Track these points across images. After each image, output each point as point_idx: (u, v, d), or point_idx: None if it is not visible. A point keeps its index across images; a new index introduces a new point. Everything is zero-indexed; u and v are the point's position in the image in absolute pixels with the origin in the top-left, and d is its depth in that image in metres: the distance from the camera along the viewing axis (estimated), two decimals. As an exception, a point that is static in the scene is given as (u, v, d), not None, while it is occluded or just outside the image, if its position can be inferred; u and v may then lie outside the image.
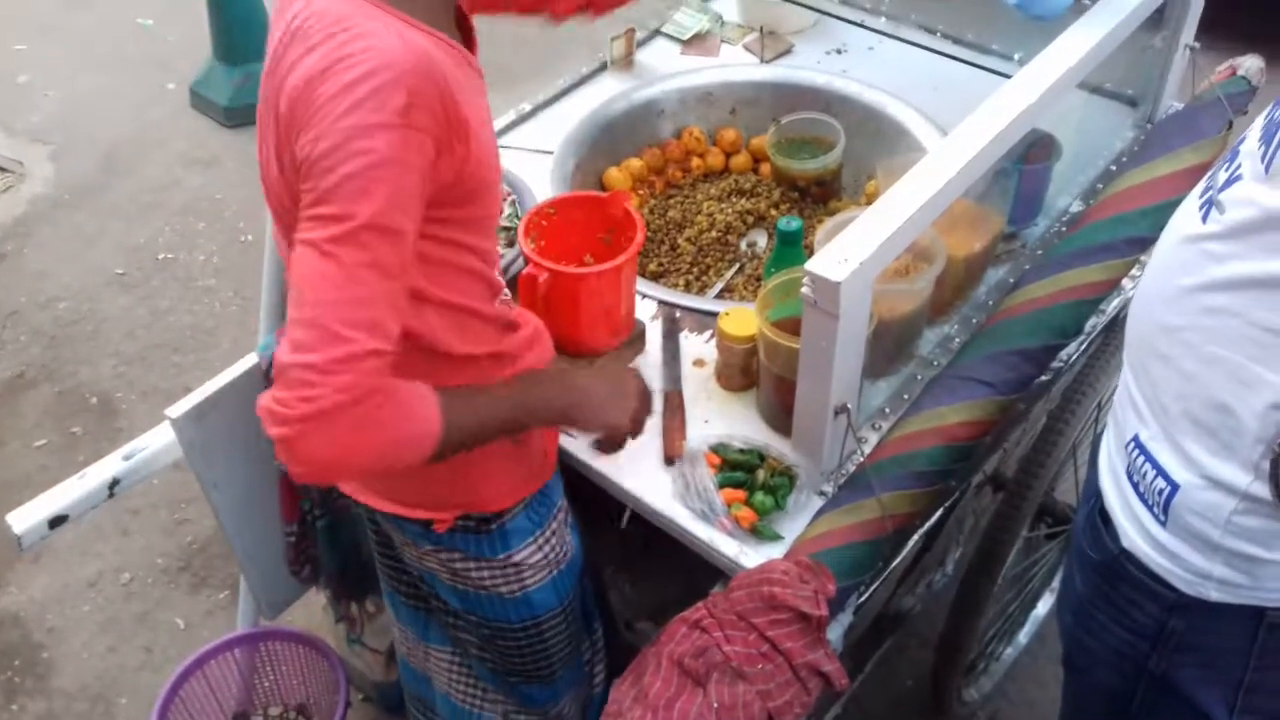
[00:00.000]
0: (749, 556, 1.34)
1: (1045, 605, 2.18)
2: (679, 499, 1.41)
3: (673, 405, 1.52)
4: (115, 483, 1.51)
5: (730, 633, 1.25)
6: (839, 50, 2.16)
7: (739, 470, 1.42)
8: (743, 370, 1.54)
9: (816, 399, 1.36)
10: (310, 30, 1.02)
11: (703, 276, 1.89)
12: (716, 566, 1.38)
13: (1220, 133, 1.67)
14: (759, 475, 1.41)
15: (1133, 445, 1.13)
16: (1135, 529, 1.14)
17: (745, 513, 1.38)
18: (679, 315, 1.68)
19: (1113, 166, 1.84)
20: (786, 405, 1.42)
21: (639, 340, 1.62)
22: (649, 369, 1.60)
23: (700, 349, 1.63)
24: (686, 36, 2.21)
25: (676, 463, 1.45)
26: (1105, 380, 1.60)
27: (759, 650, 1.24)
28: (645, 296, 1.69)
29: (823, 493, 1.41)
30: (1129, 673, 1.21)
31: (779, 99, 2.09)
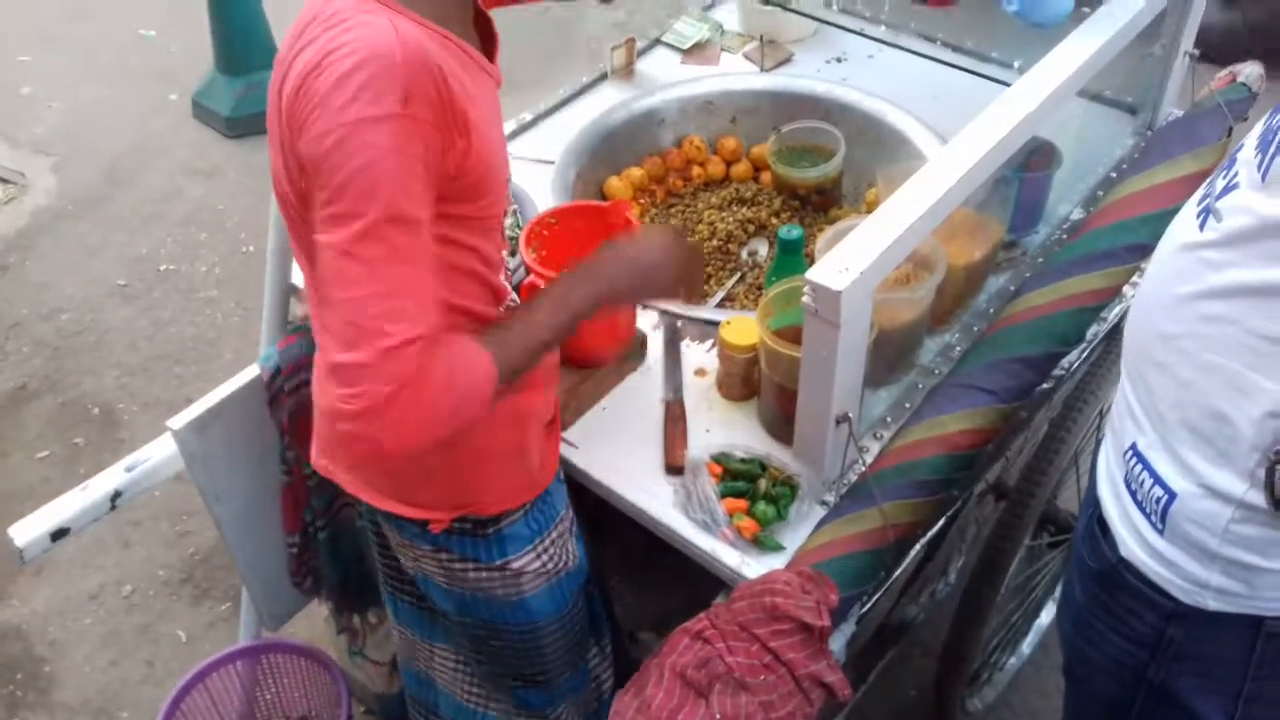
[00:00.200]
0: (751, 567, 1.34)
1: (1049, 614, 2.18)
2: (681, 509, 1.41)
3: (674, 415, 1.51)
4: (117, 495, 1.51)
5: (733, 643, 1.24)
6: (839, 59, 2.17)
7: (740, 480, 1.42)
8: (744, 379, 1.54)
9: (818, 408, 1.35)
10: (310, 28, 1.04)
11: (704, 286, 1.89)
12: (719, 577, 1.38)
13: (1220, 139, 1.67)
14: (760, 485, 1.41)
15: (1130, 453, 1.13)
16: (1133, 538, 1.14)
17: (747, 523, 1.38)
18: (680, 324, 1.68)
19: (1113, 174, 1.84)
20: (788, 414, 1.42)
21: (638, 353, 1.62)
22: (651, 379, 1.60)
23: (702, 358, 1.62)
24: (687, 45, 2.21)
25: (678, 473, 1.45)
26: (1107, 388, 1.59)
27: (761, 661, 1.24)
28: (646, 306, 1.69)
29: (824, 502, 1.41)
30: (1128, 682, 1.20)
31: (779, 107, 2.09)
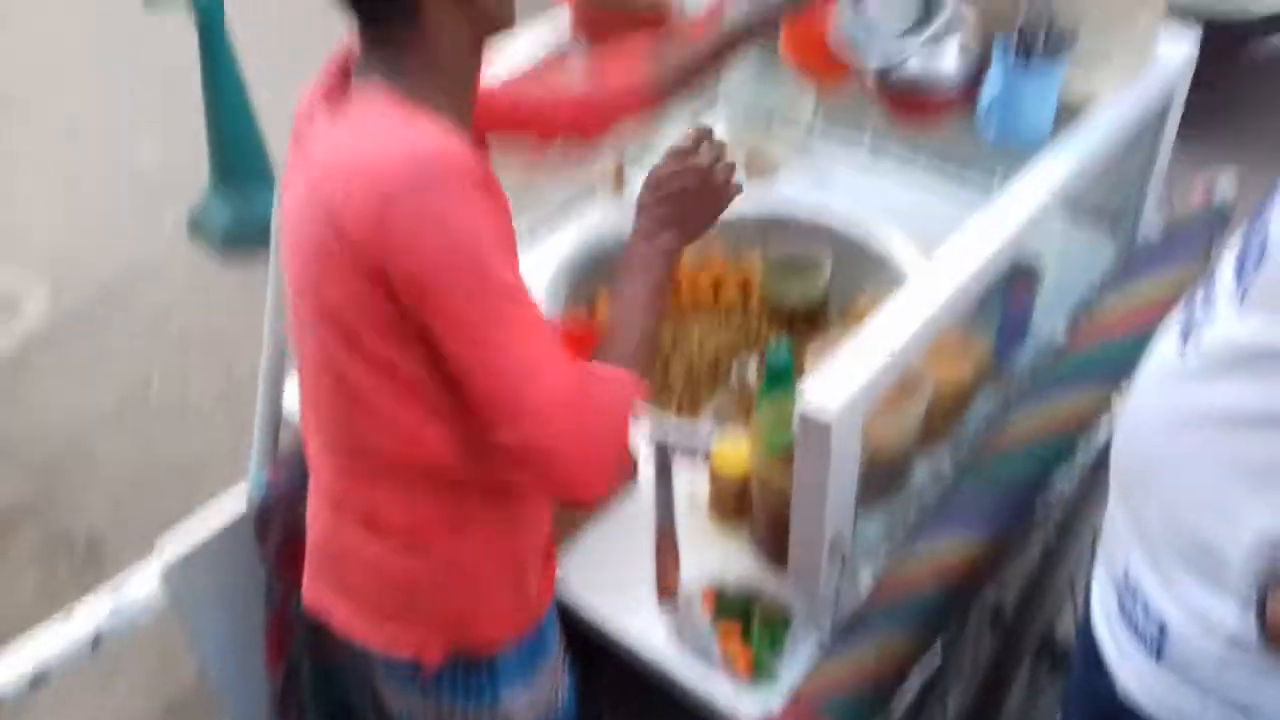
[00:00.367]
0: (746, 701, 1.31)
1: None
2: (674, 638, 1.39)
3: (666, 539, 1.50)
4: (98, 639, 1.48)
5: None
6: (823, 178, 2.20)
7: (735, 608, 1.40)
8: (736, 502, 1.53)
9: (811, 534, 1.34)
10: (349, 144, 1.06)
11: (694, 405, 1.88)
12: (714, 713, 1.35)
13: (1200, 257, 1.69)
14: (755, 615, 1.38)
15: (1123, 579, 1.12)
16: (1127, 667, 1.12)
17: (742, 653, 1.35)
18: (671, 445, 1.67)
19: (1095, 291, 1.86)
20: (781, 540, 1.40)
21: (632, 474, 1.61)
22: (642, 501, 1.58)
23: (693, 481, 1.61)
24: (673, 164, 2.24)
25: (670, 600, 1.42)
26: (1100, 510, 1.58)
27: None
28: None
29: (820, 631, 1.39)
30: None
31: (765, 226, 2.11)
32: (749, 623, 1.38)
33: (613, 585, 1.46)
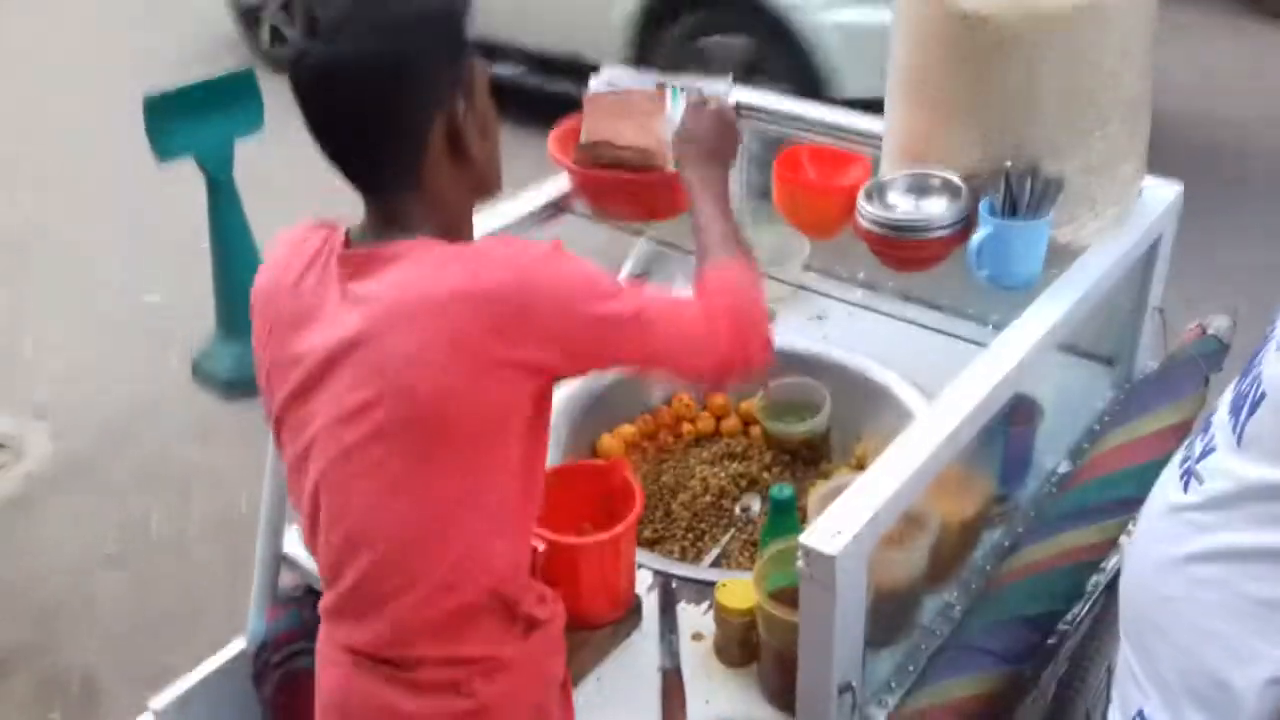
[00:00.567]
0: None
1: None
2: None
3: (671, 684, 1.47)
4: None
5: None
6: (819, 317, 2.24)
7: (743, 754, 1.37)
8: (742, 644, 1.51)
9: (819, 676, 1.32)
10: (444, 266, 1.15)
11: (698, 543, 1.88)
12: None
13: (1198, 391, 1.71)
14: (764, 761, 1.36)
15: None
16: None
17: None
18: (675, 585, 1.66)
19: (1095, 426, 1.87)
20: (788, 682, 1.38)
21: (635, 615, 1.59)
22: (647, 644, 1.56)
23: (698, 621, 1.60)
24: (673, 307, 2.29)
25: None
26: (1112, 642, 1.56)
27: None
28: (641, 566, 1.67)
29: (832, 778, 1.35)
30: None
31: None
32: (758, 768, 1.35)
33: (619, 730, 1.44)
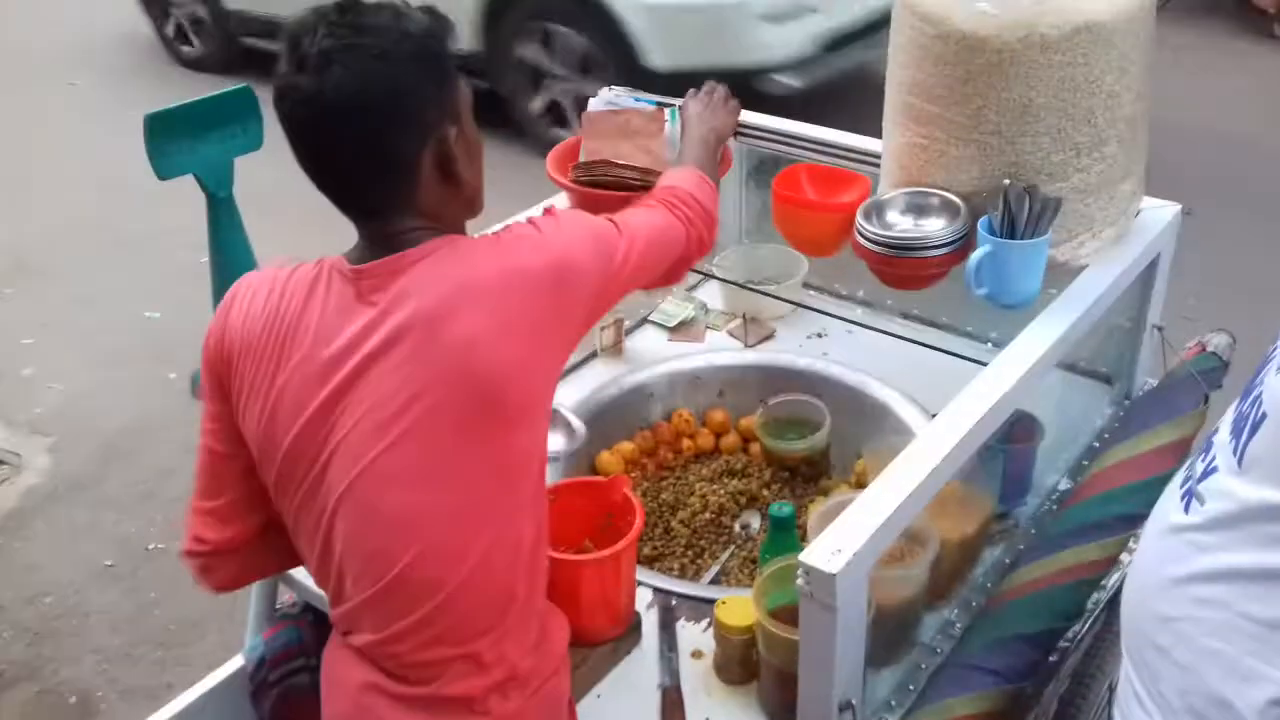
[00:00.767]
0: None
1: None
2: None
3: (671, 703, 1.47)
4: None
5: None
6: (819, 334, 2.24)
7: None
8: (742, 662, 1.50)
9: (819, 693, 1.32)
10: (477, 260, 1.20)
11: (697, 560, 1.87)
12: None
13: (1197, 408, 1.71)
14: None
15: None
16: None
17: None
18: (674, 603, 1.66)
19: (1095, 443, 1.88)
20: (789, 700, 1.38)
21: (635, 633, 1.59)
22: (646, 662, 1.56)
23: (698, 639, 1.59)
24: (673, 324, 2.30)
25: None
26: (1114, 659, 1.56)
27: None
28: (640, 583, 1.67)
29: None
30: None
31: (764, 381, 2.14)
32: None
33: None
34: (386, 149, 1.17)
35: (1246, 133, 4.98)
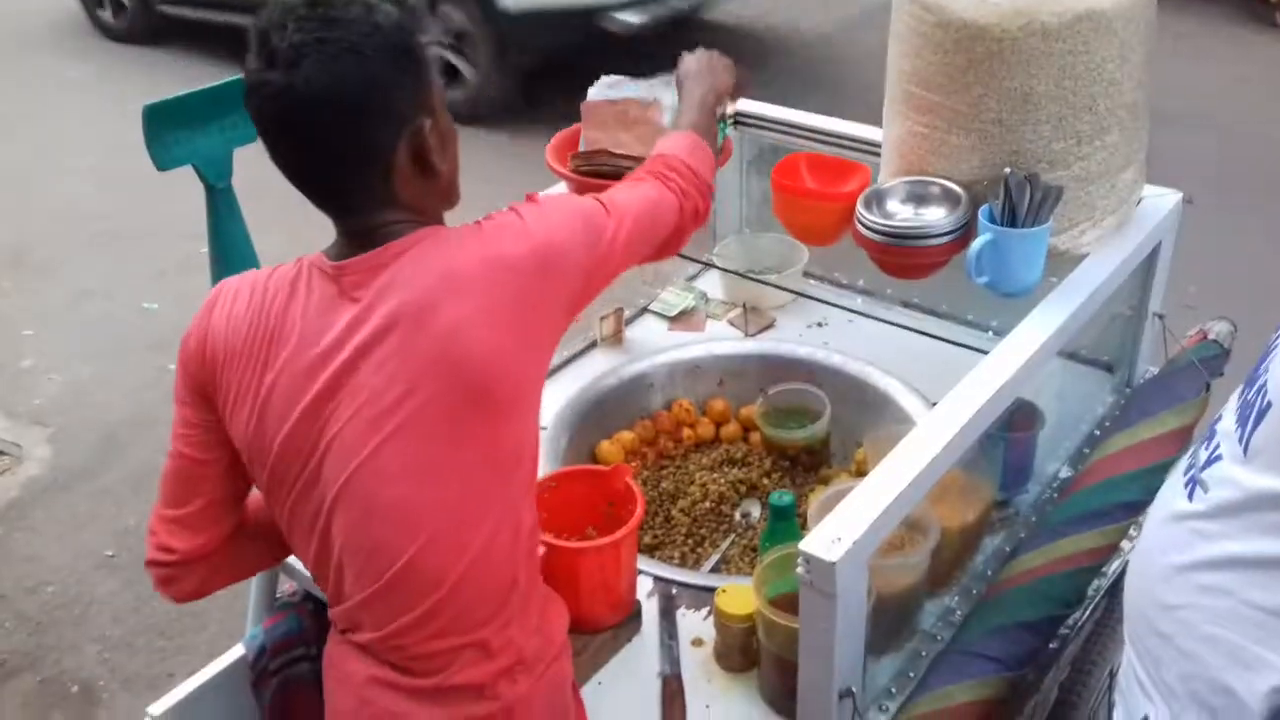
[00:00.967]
0: None
1: None
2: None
3: (672, 691, 1.47)
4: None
5: None
6: (820, 323, 2.24)
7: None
8: (742, 650, 1.51)
9: (819, 681, 1.32)
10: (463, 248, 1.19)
11: (698, 548, 1.88)
12: None
13: (1199, 395, 1.71)
14: (764, 766, 1.35)
15: (1143, 732, 1.09)
16: None
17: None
18: (675, 591, 1.66)
19: (1096, 431, 1.87)
20: (789, 687, 1.38)
21: (635, 621, 1.59)
22: (647, 650, 1.56)
23: (698, 627, 1.59)
24: (673, 313, 2.29)
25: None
26: (1115, 646, 1.56)
27: None
28: (641, 572, 1.67)
29: (832, 784, 1.35)
30: None
31: (765, 370, 2.14)
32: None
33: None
34: (361, 143, 1.16)
35: (1247, 121, 4.98)
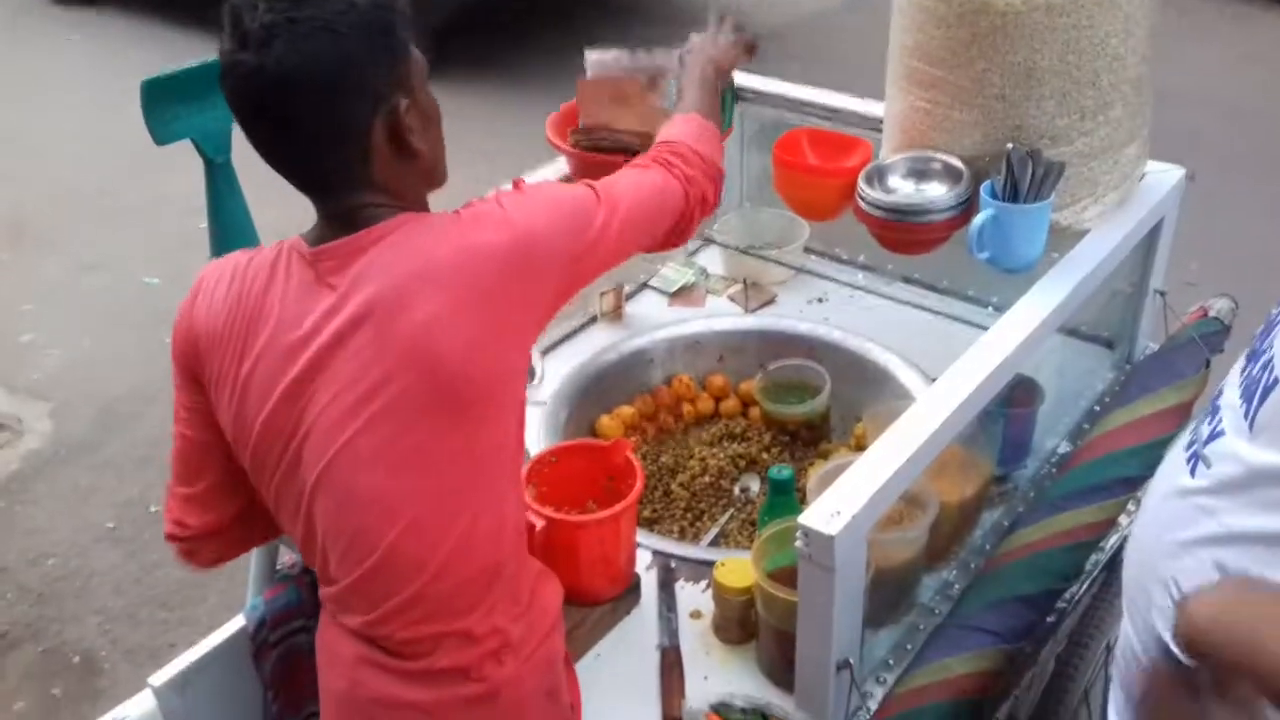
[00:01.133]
0: (755, 827, 1.28)
1: None
2: (680, 763, 1.36)
3: (670, 662, 1.48)
4: (94, 761, 1.45)
5: None
6: (820, 299, 2.24)
7: (742, 730, 1.38)
8: (740, 622, 1.51)
9: (817, 654, 1.33)
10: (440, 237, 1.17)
11: (697, 522, 1.88)
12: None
13: (1199, 372, 1.71)
14: (762, 736, 1.36)
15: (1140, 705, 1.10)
16: None
17: (750, 777, 1.33)
18: (674, 565, 1.66)
19: (1096, 407, 1.88)
20: (787, 659, 1.39)
21: (634, 593, 1.60)
22: (645, 623, 1.57)
23: (697, 600, 1.60)
24: (673, 289, 2.29)
25: (676, 724, 1.40)
26: (1112, 620, 1.57)
27: None
28: (640, 546, 1.67)
29: (829, 753, 1.36)
30: None
31: (765, 346, 2.14)
32: (756, 744, 1.36)
33: (618, 712, 1.44)
34: (335, 122, 1.15)
35: (1251, 98, 4.95)
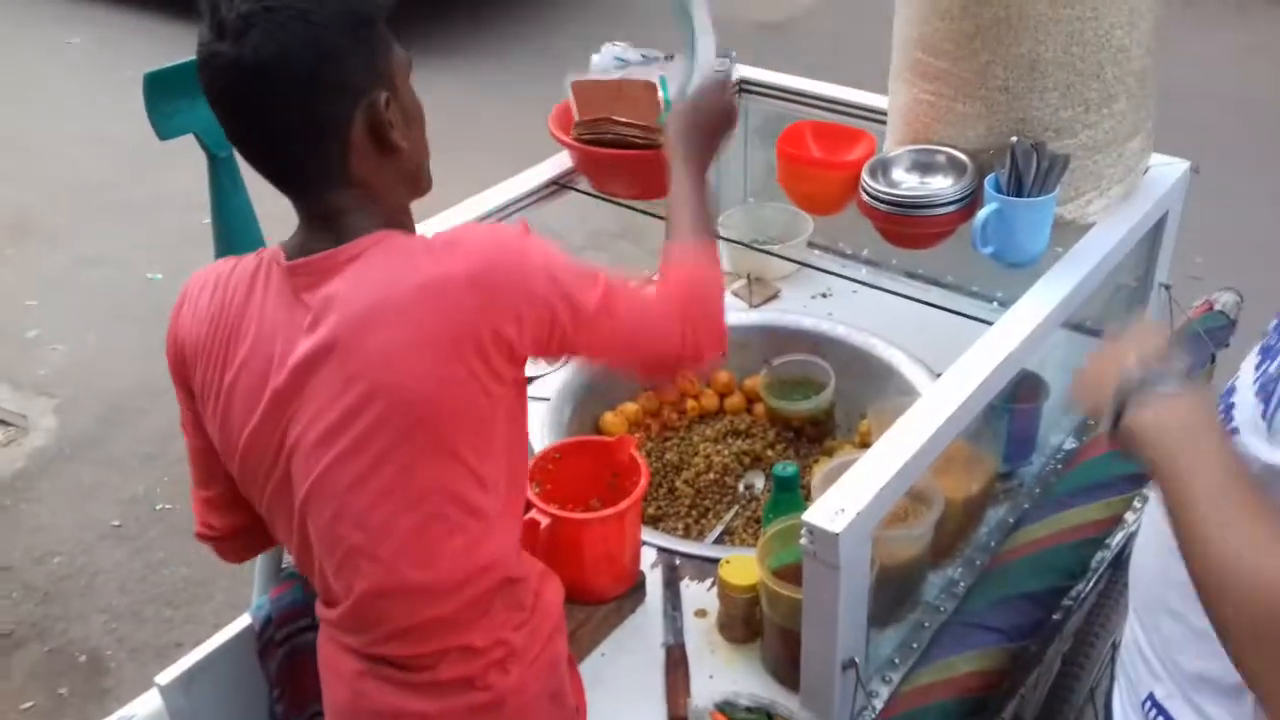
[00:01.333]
0: (761, 826, 1.28)
1: None
2: (685, 762, 1.36)
3: (675, 660, 1.48)
4: (100, 761, 1.45)
5: None
6: (824, 294, 2.23)
7: (747, 729, 1.38)
8: (746, 621, 1.51)
9: (822, 652, 1.32)
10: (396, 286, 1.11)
11: (701, 520, 1.88)
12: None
13: (1205, 367, 1.70)
14: (768, 735, 1.36)
15: (1149, 704, 1.09)
16: None
17: (755, 776, 1.32)
18: (679, 562, 1.66)
19: (1102, 401, 1.87)
20: (792, 658, 1.39)
21: (639, 591, 1.60)
22: (650, 621, 1.57)
23: (702, 598, 1.60)
24: (677, 284, 2.28)
25: (681, 723, 1.40)
26: (1118, 618, 1.56)
27: None
28: (644, 543, 1.67)
29: (835, 752, 1.36)
30: None
31: (769, 341, 2.14)
32: (762, 743, 1.36)
33: (623, 711, 1.44)
34: (312, 115, 1.12)
35: (1255, 89, 4.93)
